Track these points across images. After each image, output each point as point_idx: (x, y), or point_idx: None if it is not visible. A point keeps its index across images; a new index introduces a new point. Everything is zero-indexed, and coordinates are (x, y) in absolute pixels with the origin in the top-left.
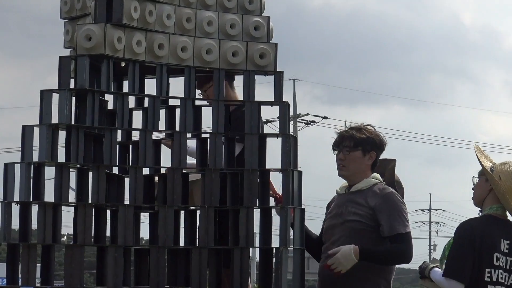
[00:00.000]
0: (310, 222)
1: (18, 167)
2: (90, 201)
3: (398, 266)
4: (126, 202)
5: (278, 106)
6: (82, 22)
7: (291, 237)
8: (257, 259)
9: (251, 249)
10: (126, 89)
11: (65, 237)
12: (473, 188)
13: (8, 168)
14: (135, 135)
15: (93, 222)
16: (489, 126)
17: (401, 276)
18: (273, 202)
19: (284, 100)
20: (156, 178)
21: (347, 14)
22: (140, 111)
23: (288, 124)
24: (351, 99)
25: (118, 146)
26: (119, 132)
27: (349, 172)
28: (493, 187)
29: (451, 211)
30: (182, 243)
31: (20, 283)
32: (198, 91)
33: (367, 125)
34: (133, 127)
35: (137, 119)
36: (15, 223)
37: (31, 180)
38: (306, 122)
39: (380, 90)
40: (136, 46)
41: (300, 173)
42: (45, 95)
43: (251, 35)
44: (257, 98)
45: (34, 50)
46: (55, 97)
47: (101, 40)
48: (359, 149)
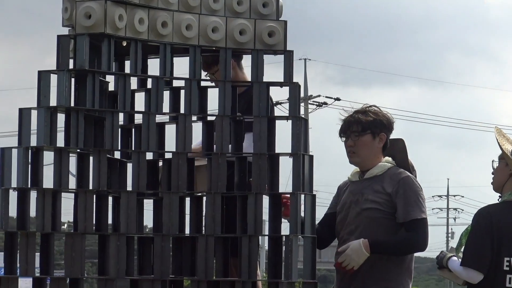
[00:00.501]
0: (322, 209)
1: (15, 152)
2: (91, 187)
3: (415, 254)
4: (129, 188)
5: (288, 87)
6: None
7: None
8: (266, 247)
9: (260, 237)
10: (128, 69)
11: (65, 225)
12: (492, 173)
13: (5, 153)
14: (138, 118)
15: (94, 209)
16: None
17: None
18: (283, 188)
19: (294, 80)
20: (160, 163)
21: None
22: (143, 93)
23: (298, 106)
24: (366, 80)
25: (120, 129)
26: (121, 115)
27: (360, 158)
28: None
29: (470, 197)
30: (187, 231)
31: (18, 273)
32: (205, 73)
33: (371, 106)
34: (135, 110)
35: (139, 101)
36: (13, 211)
37: (29, 165)
38: (317, 104)
39: (396, 70)
40: (138, 24)
41: (311, 157)
42: (43, 76)
43: (260, 13)
44: (266, 79)
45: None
46: (54, 78)
47: (101, 18)
48: (368, 132)
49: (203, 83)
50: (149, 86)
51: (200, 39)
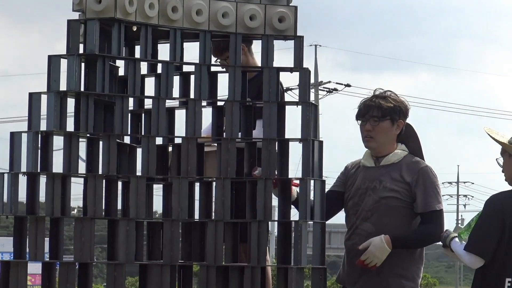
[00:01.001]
0: None
1: (25, 136)
2: (100, 172)
3: None
4: (138, 173)
5: (298, 73)
6: None
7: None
8: (275, 233)
9: (269, 222)
10: (138, 54)
11: (75, 210)
12: (502, 171)
13: (14, 137)
14: (148, 103)
15: (103, 194)
16: None
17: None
18: (292, 174)
19: (304, 66)
20: (170, 148)
21: None
22: (153, 78)
23: (308, 91)
24: (376, 66)
25: (129, 114)
26: (131, 100)
27: (377, 143)
28: None
29: (480, 184)
30: (197, 216)
31: (28, 258)
32: (216, 59)
33: (388, 91)
34: (145, 95)
35: (149, 86)
36: (22, 195)
37: (39, 150)
38: (328, 90)
39: (406, 57)
40: (148, 9)
41: (320, 143)
42: (53, 61)
43: None
44: (276, 65)
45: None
46: (64, 63)
47: (111, 3)
48: (387, 118)
49: (213, 68)
50: (159, 71)
51: (210, 24)
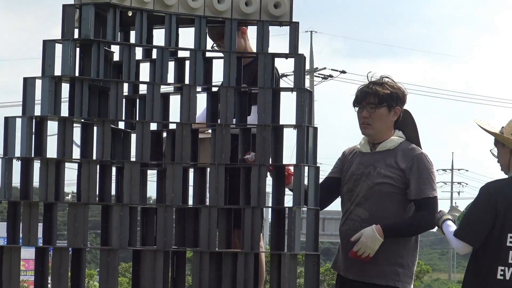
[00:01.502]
0: None
1: (19, 121)
2: (94, 157)
3: None
4: (133, 159)
5: (293, 59)
6: None
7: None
8: (269, 219)
9: (263, 209)
10: (133, 39)
11: (69, 195)
12: (498, 161)
13: (9, 122)
14: (142, 89)
15: (97, 179)
16: None
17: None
18: (287, 160)
19: (299, 52)
20: (164, 134)
21: None
22: (148, 63)
23: (303, 77)
24: (372, 53)
25: (124, 99)
26: (126, 85)
27: (374, 130)
28: (509, 146)
29: (474, 171)
30: (191, 202)
31: (21, 243)
32: (214, 44)
33: (385, 77)
34: (140, 80)
35: (144, 71)
36: (16, 180)
37: (33, 135)
38: (323, 76)
39: (402, 44)
40: None
41: (315, 129)
42: (48, 46)
43: None
44: (271, 51)
45: None
46: (59, 48)
47: None
48: (384, 105)
49: (208, 54)
50: (154, 56)
51: (205, 9)
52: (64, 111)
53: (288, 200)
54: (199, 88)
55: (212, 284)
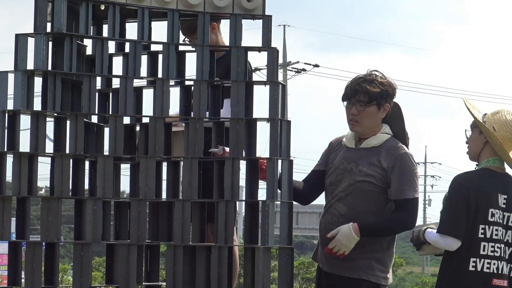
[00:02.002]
0: (299, 176)
1: None
2: (67, 151)
3: None
4: (106, 152)
5: (266, 52)
6: None
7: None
8: (243, 213)
9: (237, 202)
10: (105, 33)
11: (43, 190)
12: (466, 142)
13: None
14: (115, 82)
15: (71, 173)
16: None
17: None
18: (260, 154)
19: (272, 46)
20: (137, 128)
21: None
22: (121, 57)
23: (276, 71)
24: (345, 47)
25: (97, 93)
26: (99, 79)
27: (362, 128)
28: (488, 139)
29: (447, 165)
30: (164, 196)
31: None
32: (184, 39)
33: (374, 71)
34: (113, 74)
35: (117, 65)
36: None
37: (6, 129)
38: (296, 70)
39: (375, 37)
40: None
41: (288, 122)
42: (20, 40)
43: None
44: (244, 45)
45: None
46: (31, 42)
47: None
48: (374, 104)
49: (181, 48)
50: (127, 50)
51: (178, 3)
52: (37, 105)
53: (262, 193)
54: (172, 82)
55: (186, 278)
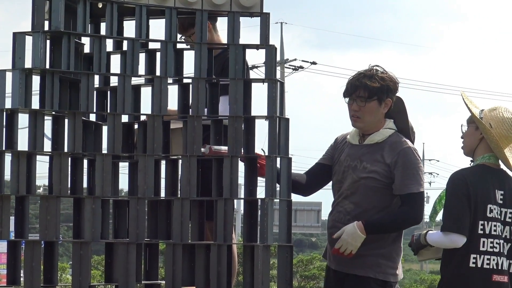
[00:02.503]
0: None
1: None
2: (66, 150)
3: None
4: (104, 151)
5: (264, 50)
6: None
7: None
8: (241, 211)
9: (235, 200)
10: (103, 31)
11: (41, 188)
12: (462, 137)
13: None
14: (113, 81)
15: (69, 172)
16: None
17: None
18: (259, 151)
19: (270, 43)
20: (136, 126)
21: None
22: (119, 55)
23: (274, 68)
24: (343, 44)
25: (95, 92)
26: (97, 77)
27: (364, 123)
28: (484, 135)
29: (445, 162)
30: (163, 194)
31: None
32: (181, 36)
33: (375, 66)
34: (111, 72)
35: (115, 63)
36: None
37: (4, 128)
38: (294, 67)
39: (372, 34)
40: None
41: (286, 120)
42: (18, 38)
43: None
44: (241, 42)
45: None
46: (29, 40)
47: None
48: (374, 99)
49: (179, 46)
50: (124, 48)
51: (176, 1)
52: (35, 104)
53: (261, 191)
54: (170, 80)
55: (185, 276)
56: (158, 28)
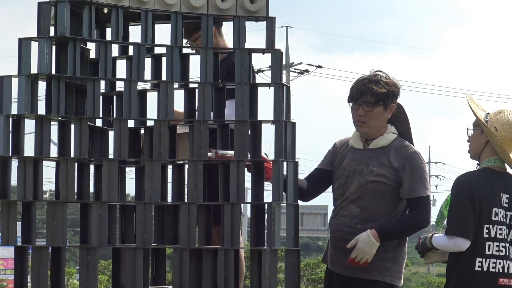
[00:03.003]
0: (302, 177)
1: None
2: (72, 155)
3: None
4: (111, 156)
5: (270, 54)
6: None
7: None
8: (248, 215)
9: (242, 204)
10: (109, 36)
11: (47, 193)
12: (468, 141)
13: None
14: (119, 86)
15: (76, 177)
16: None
17: None
18: (264, 154)
19: (276, 48)
20: (142, 131)
21: None
22: (124, 60)
23: (280, 72)
24: (348, 47)
25: (101, 97)
26: (102, 83)
27: (369, 129)
28: (489, 138)
29: (451, 164)
30: (169, 199)
31: (0, 242)
32: (186, 41)
33: (378, 71)
34: (117, 77)
35: (121, 68)
36: None
37: (10, 133)
38: (299, 71)
39: (377, 37)
40: None
41: (293, 124)
42: (23, 44)
43: None
44: (247, 47)
45: None
46: (35, 45)
47: None
48: (381, 104)
49: (184, 50)
50: (130, 53)
51: (181, 5)
52: (41, 109)
53: (267, 195)
54: (176, 85)
55: (193, 281)
56: (163, 33)
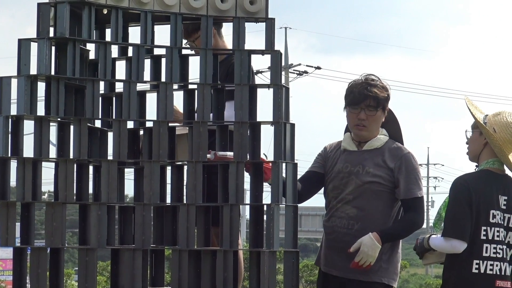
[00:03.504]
0: None
1: None
2: (71, 156)
3: None
4: (110, 157)
5: (269, 55)
6: None
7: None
8: (247, 216)
9: (241, 206)
10: (108, 37)
11: (46, 194)
12: (467, 143)
13: None
14: (119, 87)
15: (75, 178)
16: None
17: None
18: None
19: (275, 49)
20: (141, 132)
21: None
22: (124, 61)
23: (280, 74)
24: (347, 48)
25: (100, 98)
26: (102, 83)
27: (369, 132)
28: (488, 140)
29: (450, 166)
30: (168, 200)
31: None
32: (185, 41)
33: (370, 75)
34: (116, 78)
35: (120, 69)
36: None
37: (9, 134)
38: (298, 72)
39: (377, 39)
40: None
41: (292, 125)
42: (23, 44)
43: None
44: (246, 48)
45: None
46: (34, 46)
47: None
48: (381, 108)
49: (184, 51)
50: (130, 54)
51: (181, 6)
52: (40, 110)
53: (266, 196)
54: (175, 86)
55: (191, 282)
56: (163, 34)
